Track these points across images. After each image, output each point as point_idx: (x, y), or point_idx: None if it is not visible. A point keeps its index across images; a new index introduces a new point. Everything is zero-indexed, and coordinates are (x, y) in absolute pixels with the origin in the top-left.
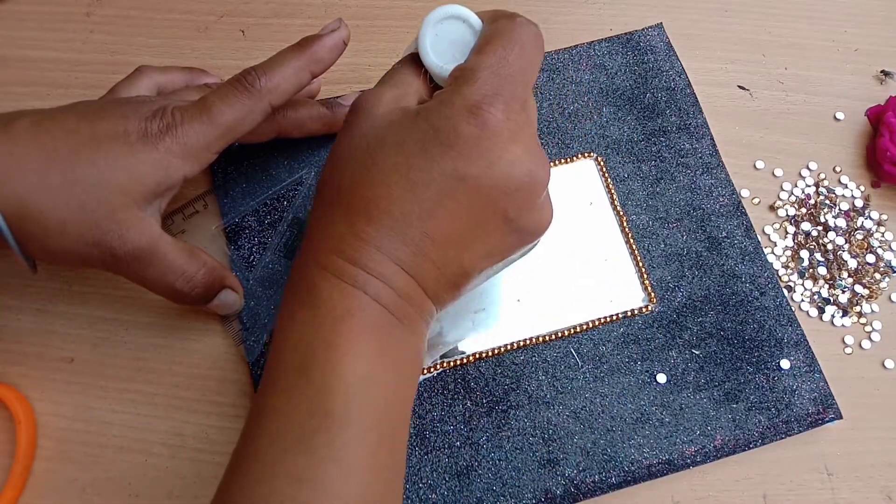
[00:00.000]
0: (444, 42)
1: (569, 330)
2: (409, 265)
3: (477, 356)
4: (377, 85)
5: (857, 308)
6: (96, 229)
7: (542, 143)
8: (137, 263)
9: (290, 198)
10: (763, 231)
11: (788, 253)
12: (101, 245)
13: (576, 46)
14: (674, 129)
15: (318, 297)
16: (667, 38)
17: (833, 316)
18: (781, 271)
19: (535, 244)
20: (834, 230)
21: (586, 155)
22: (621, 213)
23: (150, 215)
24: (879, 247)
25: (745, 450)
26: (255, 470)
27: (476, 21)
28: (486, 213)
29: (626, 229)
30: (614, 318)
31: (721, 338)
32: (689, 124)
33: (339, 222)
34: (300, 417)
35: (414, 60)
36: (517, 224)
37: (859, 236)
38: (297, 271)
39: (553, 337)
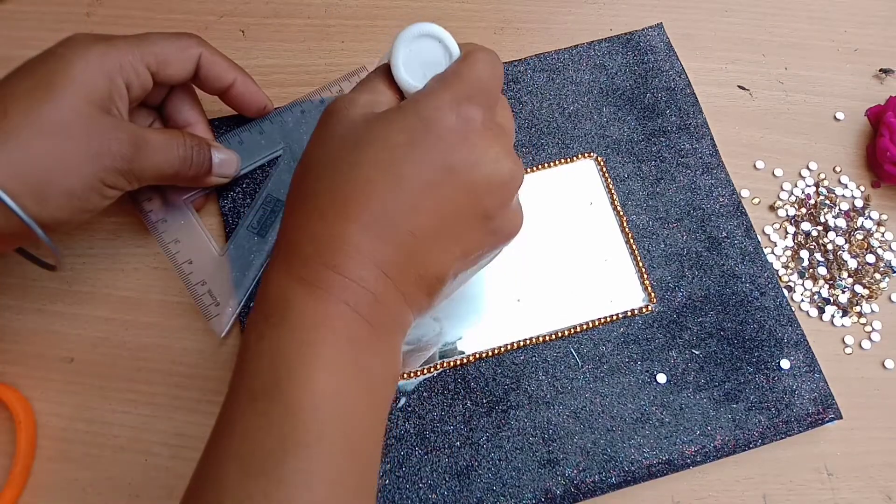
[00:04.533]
0: (416, 60)
1: (569, 330)
2: (388, 266)
3: (477, 356)
4: (351, 91)
5: (857, 308)
6: (88, 144)
7: (542, 144)
8: (141, 152)
9: (262, 178)
10: (763, 231)
11: (788, 253)
12: (102, 155)
13: (576, 46)
14: (674, 129)
15: (288, 309)
16: (667, 38)
17: (833, 316)
18: (781, 271)
19: (499, 252)
20: (834, 230)
21: (586, 155)
22: (621, 213)
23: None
24: (879, 247)
25: (745, 450)
26: (221, 498)
27: (453, 45)
28: (468, 208)
29: (626, 229)
30: (614, 318)
31: (721, 338)
32: (689, 124)
33: (314, 225)
34: (268, 442)
35: (387, 72)
36: (494, 224)
37: (859, 236)
38: (267, 282)
39: (553, 337)
